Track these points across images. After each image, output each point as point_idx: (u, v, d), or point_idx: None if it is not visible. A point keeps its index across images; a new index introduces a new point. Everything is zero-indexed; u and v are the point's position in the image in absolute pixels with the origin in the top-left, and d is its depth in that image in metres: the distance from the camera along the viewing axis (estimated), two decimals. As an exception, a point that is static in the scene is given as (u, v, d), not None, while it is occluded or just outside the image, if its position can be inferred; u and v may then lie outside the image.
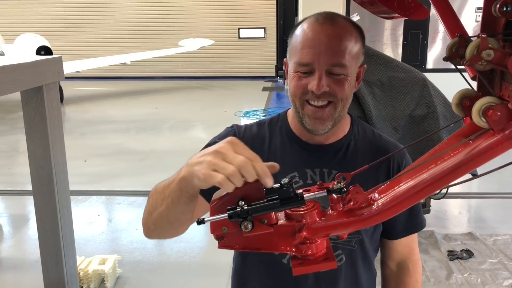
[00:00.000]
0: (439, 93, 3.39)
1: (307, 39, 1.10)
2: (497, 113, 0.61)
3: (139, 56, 10.48)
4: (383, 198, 0.70)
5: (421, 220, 1.30)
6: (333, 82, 1.09)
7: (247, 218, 0.72)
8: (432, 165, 0.67)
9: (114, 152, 6.30)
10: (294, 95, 1.14)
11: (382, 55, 3.44)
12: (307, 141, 1.21)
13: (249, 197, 0.73)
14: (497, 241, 3.56)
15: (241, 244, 0.76)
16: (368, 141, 1.25)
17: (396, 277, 1.33)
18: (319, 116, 1.12)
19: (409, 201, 0.68)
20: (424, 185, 0.66)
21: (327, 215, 0.75)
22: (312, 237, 0.73)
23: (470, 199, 4.56)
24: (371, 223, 0.72)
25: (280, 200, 0.72)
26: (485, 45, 0.61)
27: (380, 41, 6.47)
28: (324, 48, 1.08)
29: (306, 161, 1.20)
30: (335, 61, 1.08)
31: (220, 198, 0.76)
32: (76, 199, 4.53)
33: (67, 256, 2.03)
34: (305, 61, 1.09)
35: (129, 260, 3.47)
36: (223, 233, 0.75)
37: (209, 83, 12.45)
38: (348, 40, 1.10)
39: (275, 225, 0.74)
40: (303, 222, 0.73)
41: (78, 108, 9.39)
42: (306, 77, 1.10)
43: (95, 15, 13.26)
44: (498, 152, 0.62)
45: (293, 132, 1.23)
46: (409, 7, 1.20)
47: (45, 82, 1.88)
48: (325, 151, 1.21)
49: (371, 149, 1.23)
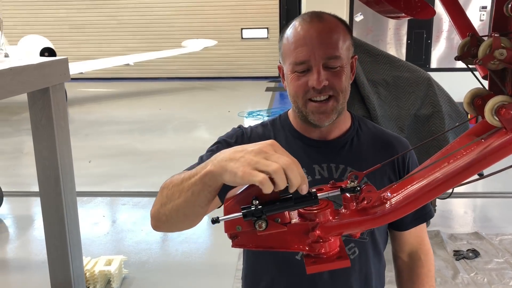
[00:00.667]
0: (444, 92, 3.38)
1: (299, 38, 1.13)
2: (510, 111, 0.61)
3: (142, 57, 10.49)
4: (396, 196, 0.70)
5: (429, 210, 1.31)
6: (331, 75, 1.12)
7: (261, 217, 0.72)
8: (444, 164, 0.67)
9: (119, 153, 6.31)
10: (295, 96, 1.17)
11: (386, 55, 3.43)
12: (310, 137, 1.24)
13: (262, 196, 0.73)
14: (503, 240, 3.55)
15: (254, 243, 0.76)
16: (371, 135, 1.27)
17: (409, 268, 1.35)
18: (323, 110, 1.15)
19: (422, 199, 0.69)
20: (437, 183, 0.67)
21: (340, 214, 0.75)
22: (325, 236, 0.73)
23: (475, 198, 4.55)
24: (384, 222, 0.72)
25: (294, 199, 0.72)
26: (497, 44, 0.61)
27: (383, 41, 6.46)
28: (317, 43, 1.11)
29: (312, 157, 1.22)
30: (329, 54, 1.11)
31: (234, 197, 0.76)
32: (81, 200, 4.54)
33: (73, 257, 2.03)
34: (301, 59, 1.12)
35: (135, 260, 3.48)
36: (236, 232, 0.75)
37: (213, 83, 12.46)
38: (337, 33, 1.14)
39: (289, 223, 0.74)
40: (317, 220, 0.74)
41: (82, 109, 9.41)
42: (304, 75, 1.13)
43: (98, 17, 13.29)
44: (511, 150, 0.62)
45: (296, 130, 1.26)
46: (416, 6, 1.20)
47: (52, 84, 1.88)
48: (330, 146, 1.23)
49: (375, 143, 1.26)
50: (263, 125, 1.31)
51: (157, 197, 0.99)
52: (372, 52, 3.36)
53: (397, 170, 1.25)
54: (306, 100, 1.15)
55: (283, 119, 1.30)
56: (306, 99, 1.15)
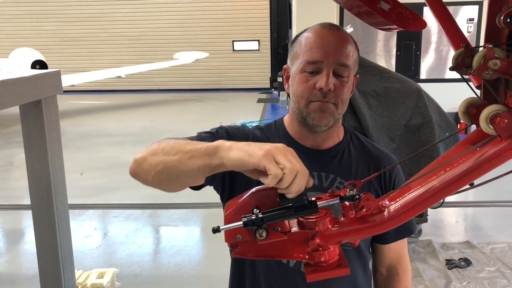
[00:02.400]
0: (433, 103, 3.42)
1: (315, 40, 1.16)
2: (504, 120, 0.62)
3: (134, 69, 10.51)
4: (394, 204, 0.71)
5: (410, 225, 1.34)
6: (338, 83, 1.15)
7: (261, 226, 0.72)
8: (441, 172, 0.68)
9: (110, 165, 6.28)
10: (300, 96, 1.18)
11: (376, 66, 3.47)
12: (304, 145, 1.25)
13: (263, 205, 0.74)
14: (495, 249, 3.57)
15: (254, 252, 0.76)
16: (362, 149, 1.30)
17: (386, 282, 1.37)
18: (324, 109, 1.16)
19: (420, 207, 0.70)
20: (434, 191, 0.68)
21: (339, 222, 0.75)
22: (325, 244, 0.74)
23: (466, 207, 4.58)
24: (383, 229, 0.73)
25: (295, 208, 0.73)
26: (491, 55, 0.63)
27: (373, 52, 6.53)
28: (333, 48, 1.14)
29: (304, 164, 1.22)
30: (342, 61, 1.14)
31: (234, 207, 0.76)
32: (73, 212, 4.50)
33: (65, 270, 2.01)
34: (314, 59, 1.14)
35: (127, 273, 3.44)
36: (237, 242, 0.76)
37: (204, 95, 12.48)
38: (351, 45, 1.18)
39: (289, 232, 0.75)
40: (316, 229, 0.74)
41: (73, 122, 9.37)
42: (313, 77, 1.15)
43: (89, 29, 13.30)
44: (506, 158, 0.63)
45: (291, 136, 1.27)
46: (407, 18, 1.22)
47: (44, 96, 1.88)
48: (322, 155, 1.25)
49: (365, 156, 1.29)
50: (259, 128, 1.32)
51: (151, 146, 1.00)
52: (362, 63, 3.39)
53: (383, 185, 1.28)
54: (309, 101, 1.17)
55: (278, 124, 1.31)
56: (309, 100, 1.17)
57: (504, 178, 0.74)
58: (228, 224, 0.75)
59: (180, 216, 4.42)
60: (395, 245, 1.32)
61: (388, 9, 1.21)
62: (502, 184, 4.08)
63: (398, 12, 1.21)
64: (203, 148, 0.84)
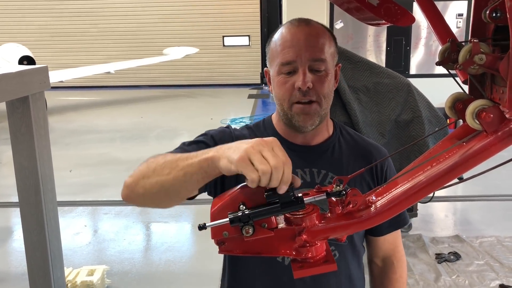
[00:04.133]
0: (423, 98, 3.44)
1: (286, 40, 1.16)
2: (490, 115, 0.63)
3: (123, 65, 10.42)
4: (381, 200, 0.71)
5: (404, 217, 1.35)
6: (316, 79, 1.14)
7: (248, 222, 0.72)
8: (428, 167, 0.68)
9: (100, 162, 6.24)
10: (282, 99, 1.18)
11: (366, 61, 3.48)
12: (294, 142, 1.25)
13: (249, 201, 0.73)
14: (483, 242, 3.61)
15: (241, 248, 0.76)
16: (352, 143, 1.31)
17: (381, 273, 1.39)
18: (307, 111, 1.16)
19: (407, 202, 0.70)
20: (420, 186, 0.68)
21: (326, 218, 0.75)
22: (312, 240, 0.74)
23: (456, 202, 4.62)
24: (370, 225, 0.73)
25: (281, 204, 0.73)
26: (477, 49, 0.63)
27: (363, 48, 6.54)
28: (304, 45, 1.14)
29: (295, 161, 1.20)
30: (315, 56, 1.14)
31: (220, 203, 0.76)
32: (62, 210, 4.47)
33: (54, 267, 2.00)
34: (287, 60, 1.14)
35: (118, 270, 3.43)
36: (223, 238, 0.75)
37: (195, 91, 12.43)
38: (323, 38, 1.17)
39: (276, 229, 0.75)
40: (303, 225, 0.74)
41: (62, 118, 9.29)
42: (290, 77, 1.15)
43: (78, 25, 13.17)
44: (491, 153, 0.64)
45: (280, 134, 1.27)
46: (396, 13, 1.22)
47: (31, 92, 1.86)
48: (313, 152, 1.26)
49: (355, 150, 1.29)
50: (248, 128, 1.32)
51: (140, 169, 0.98)
52: (352, 59, 3.40)
53: (375, 177, 1.28)
54: (292, 103, 1.16)
55: (267, 123, 1.32)
56: (292, 102, 1.16)
57: (492, 172, 0.74)
58: (214, 221, 0.74)
59: (171, 213, 4.41)
60: (389, 237, 1.34)
61: (376, 4, 1.21)
62: (490, 178, 4.11)
63: (387, 7, 1.21)
64: (195, 163, 0.84)
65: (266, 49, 1.25)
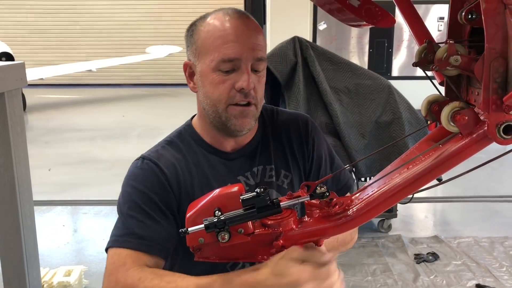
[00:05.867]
0: (404, 100, 3.48)
1: (228, 33, 1.02)
2: (464, 117, 0.63)
3: (105, 63, 10.30)
4: (358, 204, 0.71)
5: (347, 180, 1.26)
6: (256, 80, 1.06)
7: (224, 228, 0.71)
8: (404, 170, 0.68)
9: (80, 160, 6.15)
10: (217, 100, 1.06)
11: (348, 63, 3.50)
12: (225, 149, 1.16)
13: (225, 207, 0.72)
14: (461, 243, 3.66)
15: (218, 255, 0.75)
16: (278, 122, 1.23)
17: None
18: (245, 114, 1.07)
19: (384, 205, 0.70)
20: (398, 189, 0.68)
21: (303, 222, 0.75)
22: (289, 245, 0.73)
23: (435, 203, 4.67)
24: (347, 228, 0.72)
25: (257, 209, 0.72)
26: (452, 51, 0.63)
27: (346, 49, 6.58)
28: (249, 43, 1.03)
29: (234, 169, 1.16)
30: (258, 55, 1.05)
31: (195, 209, 0.75)
32: (40, 209, 4.39)
33: (30, 268, 1.96)
34: (230, 56, 1.02)
35: (96, 271, 3.37)
36: (200, 245, 0.74)
37: (177, 90, 12.34)
38: (263, 35, 1.09)
39: (252, 234, 0.74)
40: (280, 230, 0.73)
41: (42, 116, 9.13)
42: (228, 76, 1.04)
43: (59, 21, 12.97)
44: (467, 155, 0.64)
45: (207, 142, 1.16)
46: (376, 15, 1.23)
47: (7, 89, 1.82)
48: (247, 153, 1.18)
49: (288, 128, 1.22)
50: (170, 143, 1.17)
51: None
52: (334, 60, 3.42)
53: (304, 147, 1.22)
54: (229, 105, 1.06)
55: (190, 132, 1.18)
56: (228, 103, 1.06)
57: (471, 174, 0.74)
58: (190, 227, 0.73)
59: (151, 212, 4.36)
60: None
61: (357, 5, 1.22)
62: (469, 180, 4.15)
63: (368, 9, 1.22)
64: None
65: (190, 39, 1.10)
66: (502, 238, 3.72)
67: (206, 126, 1.15)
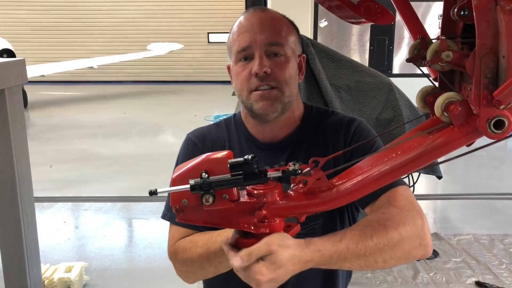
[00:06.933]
0: (404, 97, 3.47)
1: (241, 27, 1.13)
2: (458, 108, 0.64)
3: (106, 60, 10.31)
4: (344, 183, 0.72)
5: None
6: (274, 64, 1.10)
7: (209, 191, 0.71)
8: (392, 155, 0.69)
9: (81, 157, 6.16)
10: (240, 88, 1.14)
11: (349, 60, 3.50)
12: (263, 139, 1.22)
13: (212, 171, 0.73)
14: (461, 240, 3.67)
15: (200, 218, 0.75)
16: (324, 124, 1.23)
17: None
18: (266, 97, 1.10)
19: (367, 187, 0.71)
20: (384, 173, 0.69)
21: (287, 196, 0.75)
22: (271, 217, 0.74)
23: (435, 200, 4.68)
24: (330, 207, 0.73)
25: (244, 175, 0.72)
26: (444, 46, 0.64)
27: (347, 47, 6.57)
28: (258, 29, 1.10)
29: (264, 159, 1.19)
30: (271, 40, 1.10)
31: (182, 170, 0.75)
32: (41, 205, 4.41)
33: (31, 264, 1.97)
34: (242, 46, 1.11)
35: (97, 267, 3.39)
36: (183, 206, 0.74)
37: (179, 87, 12.36)
38: (280, 22, 1.15)
39: (236, 201, 0.74)
40: (264, 200, 0.74)
41: (43, 113, 9.15)
42: (248, 64, 1.11)
43: (61, 18, 12.98)
44: (455, 146, 0.65)
45: (249, 131, 1.23)
46: (375, 12, 1.23)
47: (7, 85, 1.82)
48: (280, 148, 1.21)
49: (330, 130, 1.22)
50: (217, 125, 1.28)
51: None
52: (335, 57, 3.42)
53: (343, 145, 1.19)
54: (250, 91, 1.12)
55: (238, 119, 1.28)
56: (250, 90, 1.12)
57: (471, 171, 0.75)
58: (174, 187, 0.73)
59: (152, 209, 4.38)
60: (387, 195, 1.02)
61: (357, 2, 1.22)
62: (469, 177, 4.15)
63: (367, 6, 1.23)
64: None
65: (226, 46, 1.22)
66: (502, 236, 3.72)
67: (245, 115, 1.23)
